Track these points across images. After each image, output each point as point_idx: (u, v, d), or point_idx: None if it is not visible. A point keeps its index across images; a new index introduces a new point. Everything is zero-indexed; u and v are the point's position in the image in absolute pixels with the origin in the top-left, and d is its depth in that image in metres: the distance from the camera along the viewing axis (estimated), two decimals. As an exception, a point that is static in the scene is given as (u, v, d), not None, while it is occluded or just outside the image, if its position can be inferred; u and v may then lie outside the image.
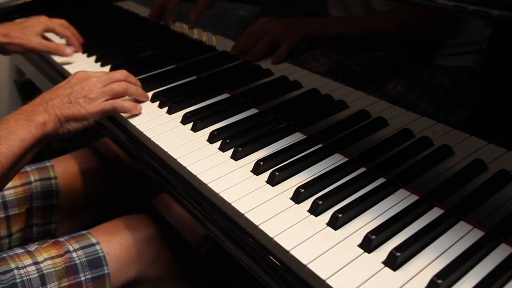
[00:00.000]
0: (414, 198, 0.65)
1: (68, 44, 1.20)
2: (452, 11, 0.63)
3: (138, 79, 1.04)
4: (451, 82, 0.70)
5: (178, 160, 0.76)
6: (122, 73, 0.90)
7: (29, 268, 0.78)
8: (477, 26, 0.63)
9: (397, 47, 0.76)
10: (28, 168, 1.05)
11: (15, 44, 1.10)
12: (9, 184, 1.01)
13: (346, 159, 0.74)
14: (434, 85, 0.72)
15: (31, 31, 1.12)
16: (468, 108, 0.69)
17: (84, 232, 0.87)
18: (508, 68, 0.61)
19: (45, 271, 0.79)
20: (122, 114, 0.90)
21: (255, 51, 0.94)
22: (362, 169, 0.71)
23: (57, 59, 1.17)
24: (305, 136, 0.80)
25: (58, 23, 1.19)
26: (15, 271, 0.77)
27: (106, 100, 0.85)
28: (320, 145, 0.78)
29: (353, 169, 0.71)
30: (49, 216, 1.04)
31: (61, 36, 1.21)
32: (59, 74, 1.16)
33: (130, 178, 0.94)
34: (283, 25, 0.90)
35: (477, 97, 0.68)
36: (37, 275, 0.78)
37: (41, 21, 1.15)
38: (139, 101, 0.93)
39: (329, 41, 0.85)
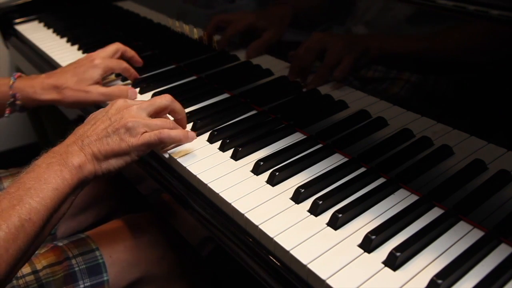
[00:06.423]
0: (414, 198, 0.65)
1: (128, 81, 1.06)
2: (452, 11, 0.63)
3: (138, 79, 1.04)
4: (452, 82, 0.69)
5: (178, 160, 0.76)
6: (165, 98, 0.77)
7: (28, 278, 0.78)
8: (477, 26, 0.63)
9: (469, 68, 0.68)
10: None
11: (69, 102, 0.95)
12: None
13: (346, 159, 0.74)
14: (435, 85, 0.72)
15: (87, 80, 0.95)
16: (468, 108, 0.69)
17: (83, 235, 0.87)
18: (508, 68, 0.61)
19: (44, 281, 0.78)
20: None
21: (322, 72, 0.84)
22: (362, 169, 0.71)
23: (57, 59, 1.17)
24: (305, 136, 0.80)
25: (113, 50, 1.02)
26: (14, 282, 0.77)
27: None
28: (320, 145, 0.78)
29: (353, 169, 0.71)
30: None
31: (122, 72, 1.03)
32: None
33: (130, 179, 0.94)
34: (343, 40, 0.81)
35: (477, 97, 0.68)
36: (36, 285, 0.78)
37: (96, 65, 0.97)
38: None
39: (390, 59, 0.77)
